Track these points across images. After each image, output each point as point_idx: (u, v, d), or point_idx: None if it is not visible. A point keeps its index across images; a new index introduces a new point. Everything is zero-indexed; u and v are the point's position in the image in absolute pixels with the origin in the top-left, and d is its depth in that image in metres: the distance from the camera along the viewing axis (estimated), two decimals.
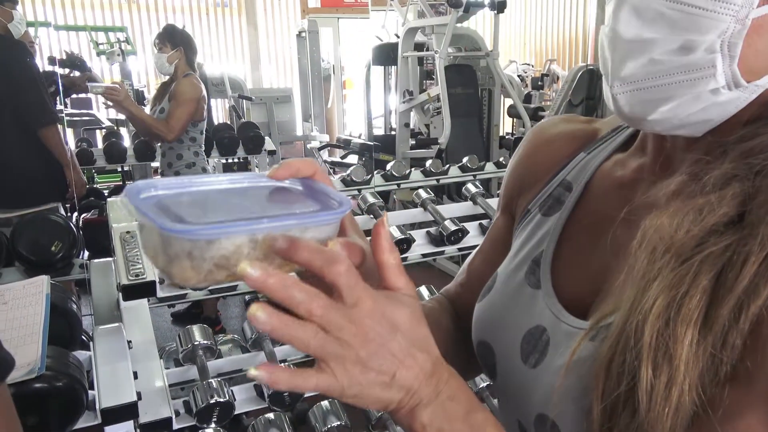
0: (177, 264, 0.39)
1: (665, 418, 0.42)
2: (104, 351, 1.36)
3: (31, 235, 1.84)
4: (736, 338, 0.41)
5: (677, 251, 0.44)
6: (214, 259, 0.39)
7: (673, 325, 0.43)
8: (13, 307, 1.21)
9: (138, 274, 1.40)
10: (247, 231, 0.40)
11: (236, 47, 8.96)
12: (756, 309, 0.41)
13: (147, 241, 0.41)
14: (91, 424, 1.25)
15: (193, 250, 0.39)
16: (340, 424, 1.69)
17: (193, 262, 0.39)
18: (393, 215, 2.29)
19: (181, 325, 3.41)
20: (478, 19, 7.78)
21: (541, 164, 0.70)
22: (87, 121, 5.91)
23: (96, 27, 6.80)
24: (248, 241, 0.40)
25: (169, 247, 0.39)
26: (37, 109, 2.80)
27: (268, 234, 0.40)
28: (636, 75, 0.48)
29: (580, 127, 0.71)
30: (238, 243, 0.40)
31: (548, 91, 7.59)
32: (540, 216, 0.66)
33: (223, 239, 0.39)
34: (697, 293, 0.43)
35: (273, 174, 0.47)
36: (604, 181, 0.64)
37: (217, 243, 0.39)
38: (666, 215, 0.46)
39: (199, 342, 1.70)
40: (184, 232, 0.38)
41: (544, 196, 0.67)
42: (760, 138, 0.47)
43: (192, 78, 3.28)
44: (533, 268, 0.63)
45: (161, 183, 0.44)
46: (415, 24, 5.29)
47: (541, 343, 0.58)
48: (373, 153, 5.19)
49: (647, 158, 0.59)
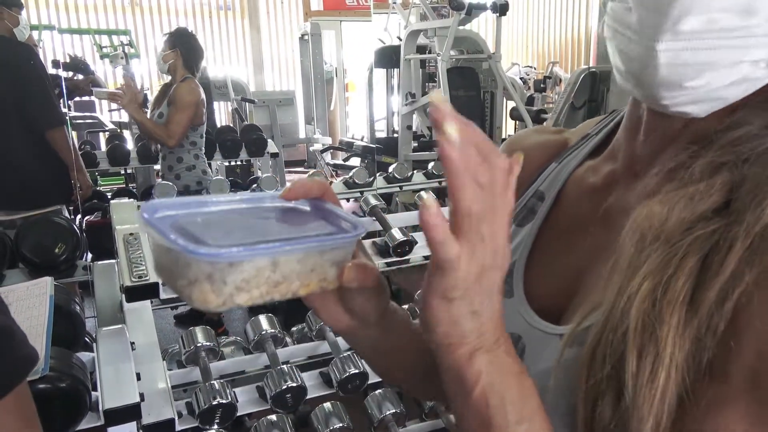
0: (197, 287, 0.39)
1: (652, 402, 0.42)
2: (107, 352, 1.37)
3: (34, 237, 1.85)
4: (719, 323, 0.42)
5: (666, 237, 0.44)
6: (235, 282, 0.39)
7: (659, 306, 0.43)
8: (17, 308, 1.21)
9: (141, 275, 1.41)
10: (270, 254, 0.40)
11: (239, 50, 8.98)
12: (738, 295, 0.41)
13: (163, 262, 0.41)
14: (94, 425, 1.26)
15: (214, 273, 0.39)
16: (342, 426, 1.69)
17: (214, 285, 0.39)
18: (394, 217, 2.30)
19: (184, 327, 3.42)
20: (480, 21, 7.78)
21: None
22: (90, 123, 5.93)
23: (99, 30, 6.83)
24: (270, 264, 0.40)
25: (189, 270, 0.39)
26: (44, 111, 2.82)
27: (289, 256, 0.41)
28: (695, 31, 0.44)
29: (550, 138, 0.72)
30: (260, 266, 0.40)
31: (551, 93, 7.58)
32: (514, 226, 0.67)
33: (246, 262, 0.39)
34: (683, 275, 0.43)
35: (285, 195, 0.47)
36: (576, 187, 0.64)
37: (239, 266, 0.39)
38: (657, 203, 0.46)
39: (202, 344, 1.71)
40: (209, 256, 0.38)
41: (518, 208, 0.68)
42: (746, 127, 0.47)
43: (190, 82, 3.28)
44: (506, 278, 0.63)
45: (174, 203, 0.44)
46: (418, 27, 5.30)
47: (517, 350, 0.57)
48: (375, 155, 5.20)
49: (618, 164, 0.60)
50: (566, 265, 0.59)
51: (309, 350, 1.92)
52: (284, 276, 0.42)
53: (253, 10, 8.89)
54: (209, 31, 8.73)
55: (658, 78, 0.47)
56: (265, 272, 0.41)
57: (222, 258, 0.38)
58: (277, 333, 1.83)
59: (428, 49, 5.44)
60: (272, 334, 1.82)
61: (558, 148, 0.70)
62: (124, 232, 1.58)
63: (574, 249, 0.59)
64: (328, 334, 1.85)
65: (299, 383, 1.57)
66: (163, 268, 0.41)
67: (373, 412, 1.76)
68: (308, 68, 6.66)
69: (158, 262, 0.42)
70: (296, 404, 1.62)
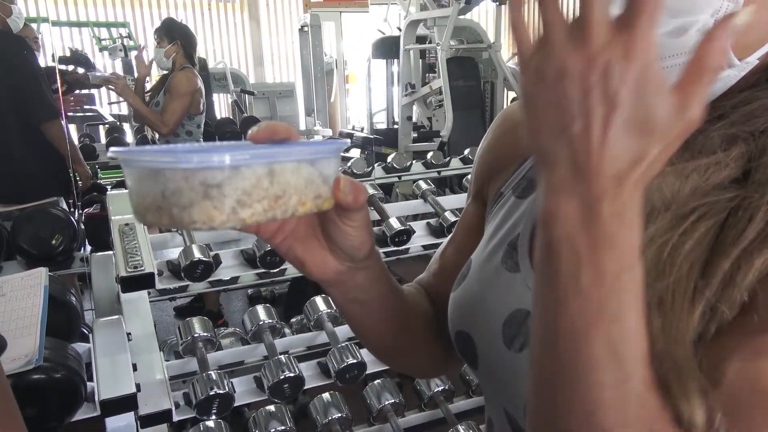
0: (197, 207, 0.37)
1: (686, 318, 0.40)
2: (103, 343, 1.37)
3: (31, 228, 1.84)
4: (737, 294, 0.40)
5: (677, 209, 0.43)
6: (235, 195, 0.38)
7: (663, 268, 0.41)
8: (11, 299, 1.21)
9: (136, 266, 1.40)
10: (265, 159, 0.39)
11: (238, 42, 8.94)
12: (761, 264, 0.40)
13: (147, 200, 0.39)
14: (90, 415, 1.26)
15: (211, 188, 0.37)
16: (341, 416, 1.69)
17: (213, 201, 0.37)
18: (392, 206, 2.29)
19: (183, 319, 3.42)
20: (480, 11, 7.74)
21: (512, 147, 0.68)
22: (90, 116, 5.91)
23: (98, 23, 6.81)
24: (267, 174, 0.39)
25: (181, 196, 0.37)
26: (37, 104, 2.81)
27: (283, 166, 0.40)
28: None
29: None
30: (257, 174, 0.39)
31: None
32: (514, 198, 0.64)
33: (243, 169, 0.38)
34: (691, 239, 0.42)
35: (252, 135, 0.46)
36: None
37: (237, 175, 0.38)
38: (671, 174, 0.45)
39: (199, 334, 1.71)
40: (204, 163, 0.36)
41: (518, 178, 0.65)
42: (759, 101, 0.46)
43: (188, 71, 3.28)
44: (510, 251, 0.61)
45: (146, 148, 0.42)
46: (417, 17, 5.27)
47: (525, 327, 0.56)
48: (373, 146, 5.18)
49: None
50: None
51: (307, 340, 1.92)
52: (282, 189, 0.40)
53: (252, 2, 8.85)
54: (208, 23, 8.69)
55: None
56: (263, 182, 0.39)
57: (217, 165, 0.37)
58: (275, 323, 1.83)
59: (428, 40, 5.42)
60: (270, 324, 1.81)
61: None
62: (120, 223, 1.57)
63: None
64: (326, 324, 1.84)
65: (297, 373, 1.57)
66: (148, 207, 0.39)
67: (371, 402, 1.76)
68: (308, 60, 6.62)
69: (141, 203, 0.40)
70: (294, 394, 1.61)
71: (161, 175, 0.37)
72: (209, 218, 0.37)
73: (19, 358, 1.08)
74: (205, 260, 1.61)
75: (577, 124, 0.35)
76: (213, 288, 2.54)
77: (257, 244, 1.72)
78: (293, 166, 0.42)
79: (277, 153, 0.41)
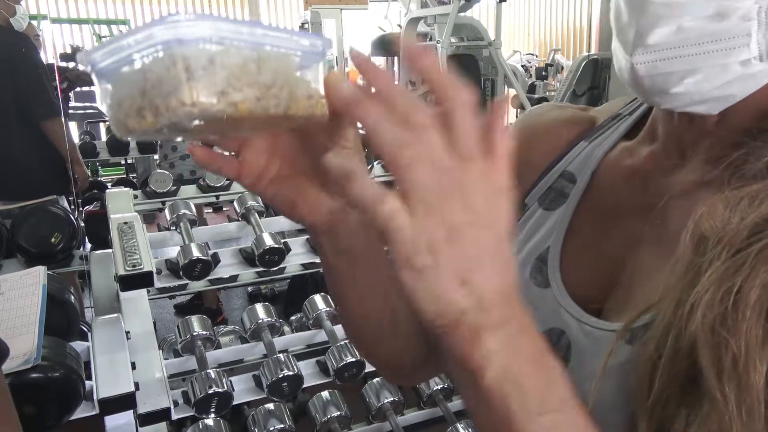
0: (185, 88, 0.34)
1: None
2: (102, 341, 1.37)
3: (31, 226, 1.85)
4: None
5: (730, 241, 0.41)
6: (224, 72, 0.35)
7: (733, 317, 0.38)
8: (10, 297, 1.21)
9: (135, 264, 1.40)
10: (252, 43, 0.37)
11: None
12: None
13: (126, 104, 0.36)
14: (89, 414, 1.26)
15: (196, 71, 0.34)
16: (340, 414, 1.69)
17: (200, 82, 0.34)
18: None
19: (183, 317, 3.42)
20: (480, 8, 7.72)
21: (536, 154, 0.65)
22: (90, 114, 5.91)
23: (99, 20, 6.81)
24: (255, 59, 0.37)
25: (163, 84, 0.34)
26: (39, 101, 2.81)
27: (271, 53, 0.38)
28: (664, 42, 0.45)
29: (578, 114, 0.67)
30: (244, 56, 0.37)
31: (552, 81, 7.54)
32: (542, 210, 0.62)
33: (232, 51, 0.36)
34: (756, 286, 0.38)
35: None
36: (611, 171, 0.59)
37: (223, 54, 0.35)
38: (720, 201, 0.42)
39: (198, 333, 1.71)
40: (195, 36, 0.34)
41: (544, 189, 0.63)
42: None
43: None
44: (539, 266, 0.59)
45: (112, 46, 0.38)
46: (418, 14, 5.26)
47: (560, 347, 0.53)
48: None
49: (658, 146, 0.56)
50: (602, 252, 0.56)
51: (306, 339, 1.92)
52: (272, 77, 0.38)
53: None
54: None
55: (645, 88, 0.48)
56: (251, 66, 0.37)
57: (209, 40, 0.35)
58: (274, 322, 1.83)
59: (428, 37, 5.41)
60: (269, 322, 1.81)
61: (586, 126, 0.65)
62: (119, 221, 1.57)
63: (611, 235, 0.55)
64: (325, 322, 1.85)
65: (295, 372, 1.57)
66: (129, 112, 0.36)
67: (370, 400, 1.76)
68: None
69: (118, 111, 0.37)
70: (293, 393, 1.62)
71: (138, 72, 0.35)
72: (196, 99, 0.34)
73: (18, 357, 1.08)
74: (204, 259, 1.61)
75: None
76: (212, 286, 2.54)
77: (256, 243, 1.72)
78: (279, 54, 0.39)
79: (262, 35, 0.38)
